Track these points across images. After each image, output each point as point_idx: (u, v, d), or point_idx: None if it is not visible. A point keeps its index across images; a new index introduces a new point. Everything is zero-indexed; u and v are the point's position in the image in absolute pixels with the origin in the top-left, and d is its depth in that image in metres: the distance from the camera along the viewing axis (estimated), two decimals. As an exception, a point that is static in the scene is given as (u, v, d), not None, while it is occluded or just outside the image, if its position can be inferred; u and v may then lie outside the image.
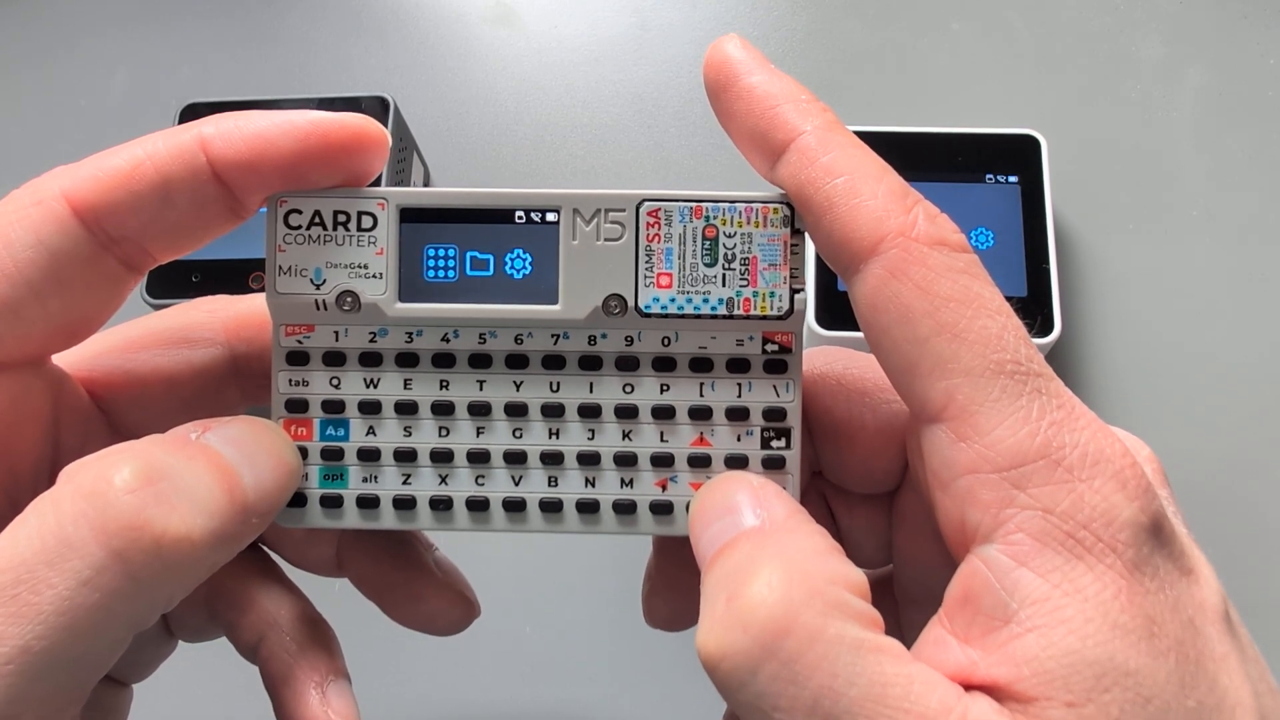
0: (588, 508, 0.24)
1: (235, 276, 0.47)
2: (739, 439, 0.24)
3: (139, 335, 0.25)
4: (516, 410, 0.24)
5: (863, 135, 0.22)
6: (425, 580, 0.26)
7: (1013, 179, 0.48)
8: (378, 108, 0.50)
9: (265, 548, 0.27)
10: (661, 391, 0.24)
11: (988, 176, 0.48)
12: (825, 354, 0.26)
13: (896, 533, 0.26)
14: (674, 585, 0.27)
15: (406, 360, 0.24)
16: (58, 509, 0.19)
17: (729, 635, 0.19)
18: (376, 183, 0.23)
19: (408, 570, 0.26)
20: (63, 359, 0.24)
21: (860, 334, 0.21)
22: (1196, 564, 0.20)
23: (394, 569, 0.26)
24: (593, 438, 0.24)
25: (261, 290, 0.24)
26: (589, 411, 0.24)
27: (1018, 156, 0.48)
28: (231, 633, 0.26)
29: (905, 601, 0.26)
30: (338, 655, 0.26)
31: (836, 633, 0.18)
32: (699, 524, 0.22)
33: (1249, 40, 0.55)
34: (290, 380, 0.24)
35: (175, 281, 0.47)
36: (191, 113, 0.51)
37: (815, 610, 0.18)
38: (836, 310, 0.45)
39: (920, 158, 0.48)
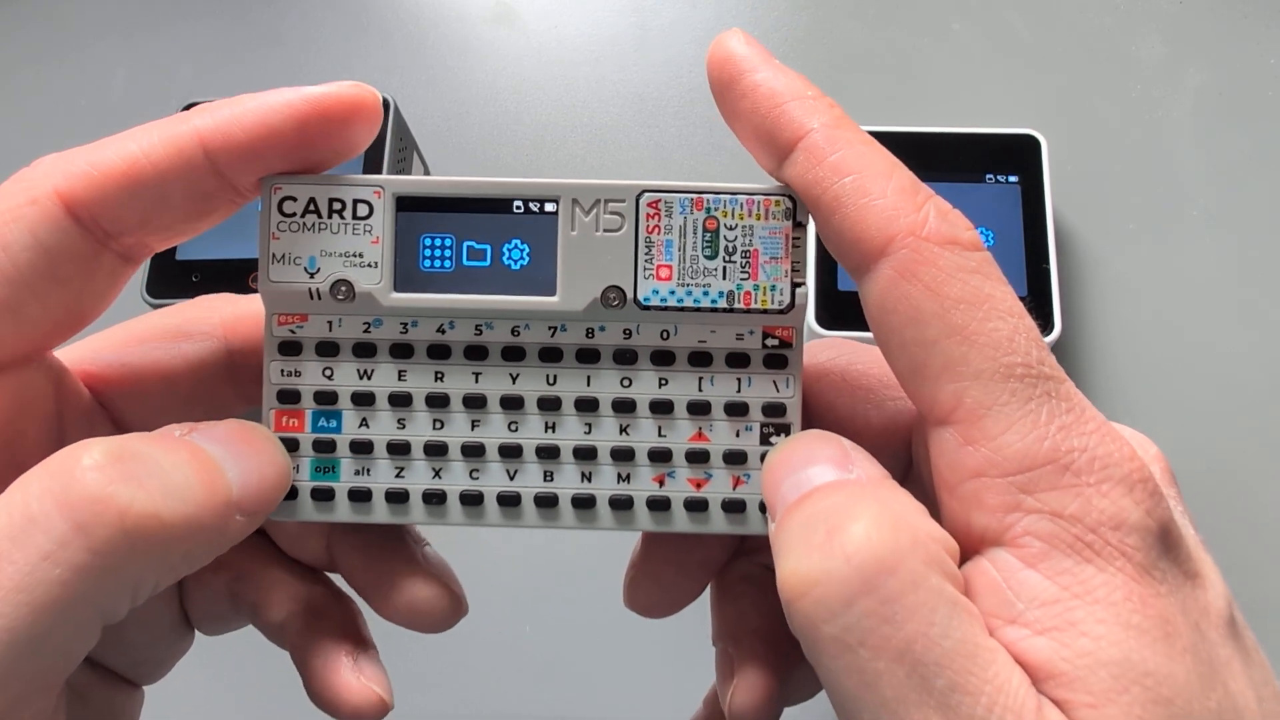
0: (584, 503, 0.24)
1: (235, 276, 0.47)
2: (738, 434, 0.23)
3: (139, 331, 0.25)
4: (512, 403, 0.23)
5: (863, 136, 0.21)
6: (411, 571, 0.26)
7: (1013, 179, 0.48)
8: (377, 107, 0.50)
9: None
10: (660, 386, 0.23)
11: (988, 176, 0.48)
12: (829, 347, 0.25)
13: None
14: (656, 578, 0.26)
15: (401, 351, 0.23)
16: (25, 488, 0.19)
17: (828, 563, 0.18)
18: (373, 170, 0.23)
19: (394, 561, 0.26)
20: (63, 355, 0.24)
21: (860, 334, 0.21)
22: (1202, 568, 0.20)
23: (382, 560, 0.26)
24: (589, 432, 0.24)
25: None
26: (586, 405, 0.23)
27: (1018, 156, 0.48)
28: (257, 614, 0.26)
29: None
30: (365, 629, 0.26)
31: (937, 585, 0.18)
32: (780, 469, 0.21)
33: (1249, 40, 0.55)
34: (282, 370, 0.24)
35: (175, 281, 0.47)
36: (191, 112, 0.51)
37: (919, 559, 0.18)
38: (836, 310, 0.45)
39: (920, 158, 0.47)
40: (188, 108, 0.50)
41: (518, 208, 0.23)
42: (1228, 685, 0.18)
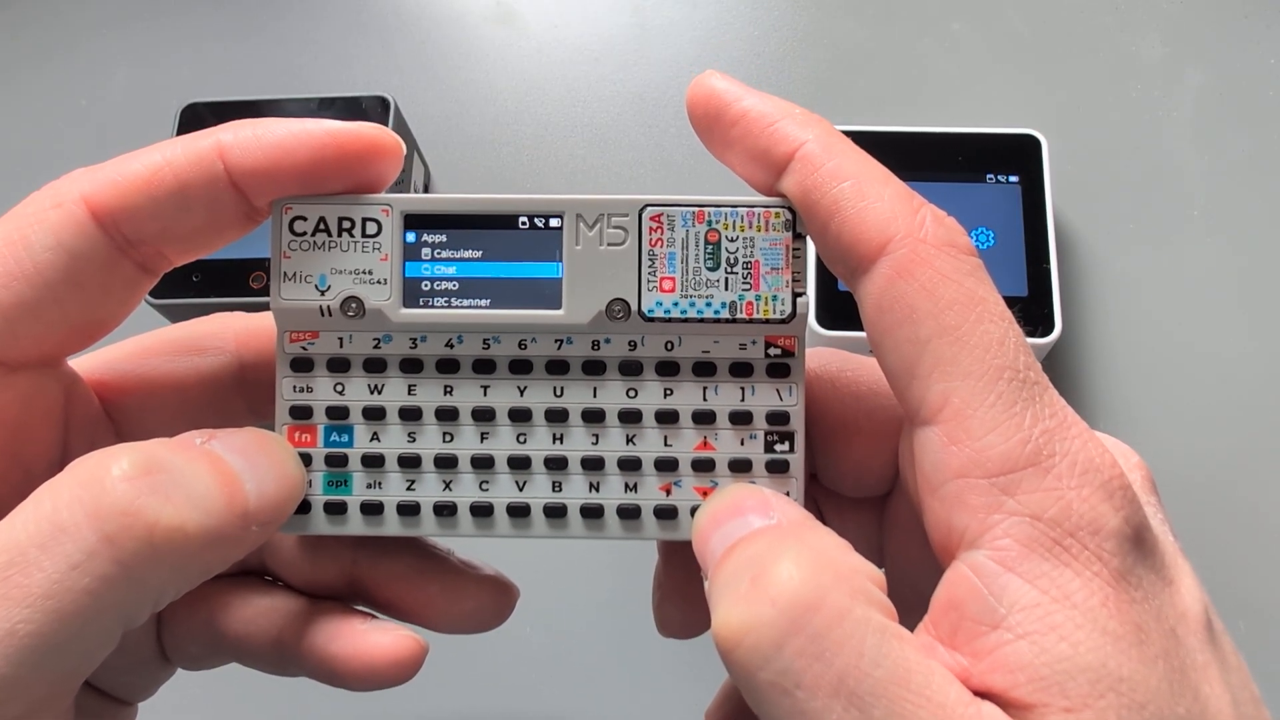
0: (592, 512, 0.24)
1: (236, 276, 0.47)
2: (742, 443, 0.24)
3: (153, 343, 0.25)
4: (520, 415, 0.24)
5: (863, 135, 0.22)
6: (462, 579, 0.26)
7: (1013, 179, 0.48)
8: (378, 107, 0.50)
9: (272, 575, 0.27)
10: (665, 396, 0.24)
11: (988, 176, 0.48)
12: (821, 355, 0.26)
13: (887, 537, 0.26)
14: (684, 592, 0.27)
15: (410, 366, 0.24)
16: (55, 495, 0.19)
17: (754, 609, 0.18)
18: None
19: (442, 576, 0.26)
20: (77, 364, 0.24)
21: (861, 334, 0.21)
22: (1179, 574, 0.20)
23: (426, 578, 0.26)
24: (596, 442, 0.24)
25: (263, 291, 0.24)
26: (592, 416, 0.24)
27: (1018, 156, 0.48)
28: (244, 643, 0.25)
29: (895, 605, 0.26)
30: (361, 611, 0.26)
31: (863, 615, 0.18)
32: (708, 526, 0.22)
33: (1249, 40, 0.55)
34: (294, 387, 0.24)
35: (176, 281, 0.47)
36: (191, 112, 0.51)
37: (842, 592, 0.19)
38: (837, 310, 0.45)
39: (920, 158, 0.48)
40: (188, 107, 0.50)
41: (523, 224, 0.23)
42: (1199, 690, 0.18)
